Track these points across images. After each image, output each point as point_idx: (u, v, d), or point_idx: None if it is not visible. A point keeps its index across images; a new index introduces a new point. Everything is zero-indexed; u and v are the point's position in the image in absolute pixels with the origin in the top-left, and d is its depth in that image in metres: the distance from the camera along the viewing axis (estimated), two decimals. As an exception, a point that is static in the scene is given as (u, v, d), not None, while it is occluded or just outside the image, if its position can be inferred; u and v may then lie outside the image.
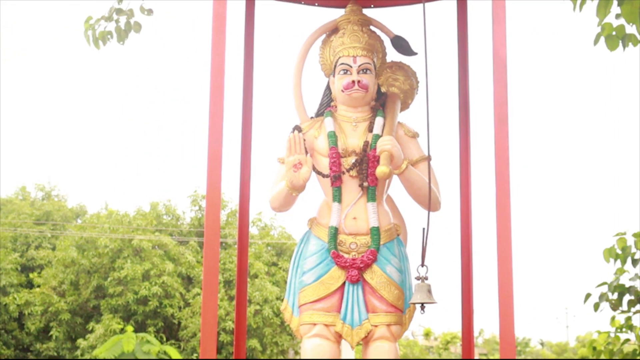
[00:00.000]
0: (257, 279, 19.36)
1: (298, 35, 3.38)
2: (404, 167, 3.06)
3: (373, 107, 3.22)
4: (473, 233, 3.37)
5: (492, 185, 2.73)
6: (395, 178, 3.12)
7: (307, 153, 3.06)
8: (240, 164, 3.46)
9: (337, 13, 3.37)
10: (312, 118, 3.28)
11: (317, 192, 3.17)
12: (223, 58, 2.83)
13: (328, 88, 3.29)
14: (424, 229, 2.91)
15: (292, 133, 3.08)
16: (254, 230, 21.69)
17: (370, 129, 3.15)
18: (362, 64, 3.16)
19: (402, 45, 3.31)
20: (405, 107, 3.33)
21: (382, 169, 2.93)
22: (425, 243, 2.89)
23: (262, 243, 21.15)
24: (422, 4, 3.04)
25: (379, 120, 3.15)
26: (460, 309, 3.35)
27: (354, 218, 3.07)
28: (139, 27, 5.46)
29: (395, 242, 3.11)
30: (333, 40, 3.25)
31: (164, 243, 20.08)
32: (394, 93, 3.29)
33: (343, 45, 3.20)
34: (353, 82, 3.14)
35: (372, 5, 3.44)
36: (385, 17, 3.39)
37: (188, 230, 21.77)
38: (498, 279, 2.67)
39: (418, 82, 3.34)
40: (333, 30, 3.30)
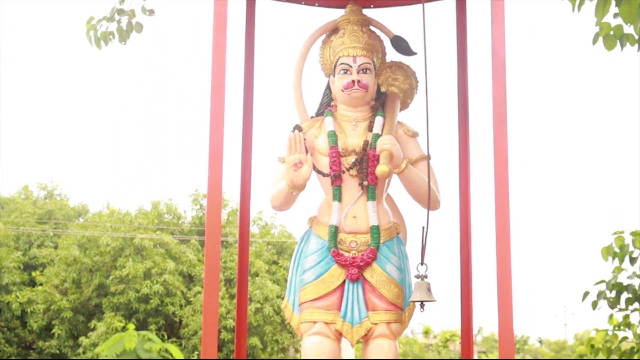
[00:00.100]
0: (257, 278, 19.36)
1: (298, 35, 3.39)
2: (404, 166, 3.07)
3: (373, 106, 3.23)
4: (472, 232, 3.38)
5: (491, 184, 2.74)
6: (395, 177, 3.14)
7: (307, 152, 3.08)
8: (241, 163, 3.47)
9: (337, 13, 3.38)
10: (312, 117, 3.30)
11: (317, 191, 3.18)
12: (224, 58, 2.84)
13: (328, 88, 3.30)
14: (424, 228, 2.91)
15: (292, 132, 3.10)
16: (255, 229, 21.68)
17: (370, 129, 3.16)
18: (362, 64, 3.18)
19: (401, 45, 3.32)
20: (405, 106, 3.34)
21: (381, 168, 2.94)
22: (425, 242, 2.90)
23: (262, 242, 21.15)
24: (421, 4, 3.05)
25: (379, 120, 3.16)
26: (460, 307, 3.35)
27: (354, 217, 3.09)
28: (141, 27, 5.47)
29: (395, 240, 3.12)
30: (333, 40, 3.26)
31: (166, 242, 20.08)
32: (394, 93, 3.30)
33: (343, 45, 3.22)
34: (353, 81, 3.15)
35: (372, 6, 3.45)
36: (385, 17, 3.41)
37: (189, 229, 21.77)
38: (497, 277, 2.68)
39: (417, 81, 3.35)
40: (333, 31, 3.31)
